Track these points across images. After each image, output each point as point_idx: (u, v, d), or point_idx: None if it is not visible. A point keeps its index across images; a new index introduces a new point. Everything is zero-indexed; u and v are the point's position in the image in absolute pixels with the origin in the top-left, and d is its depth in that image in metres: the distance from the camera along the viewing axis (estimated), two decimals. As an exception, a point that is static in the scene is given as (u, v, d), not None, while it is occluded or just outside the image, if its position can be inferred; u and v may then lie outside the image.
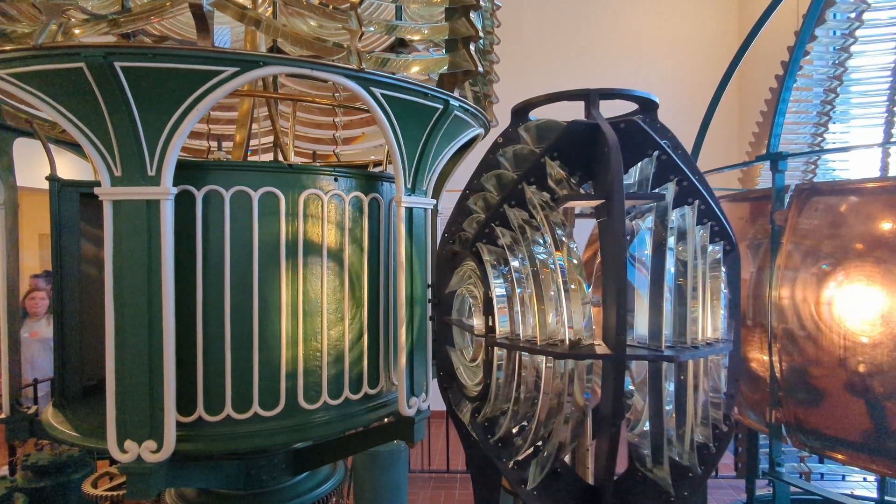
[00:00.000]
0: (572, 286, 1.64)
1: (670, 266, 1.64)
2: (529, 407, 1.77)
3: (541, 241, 1.74)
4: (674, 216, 1.69)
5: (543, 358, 1.68)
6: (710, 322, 1.66)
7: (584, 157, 1.74)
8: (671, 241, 1.66)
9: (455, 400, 2.11)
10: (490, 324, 1.82)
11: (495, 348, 1.79)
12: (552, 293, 1.66)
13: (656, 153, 1.68)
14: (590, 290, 1.98)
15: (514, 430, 1.83)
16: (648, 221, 1.70)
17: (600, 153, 1.64)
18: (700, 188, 1.69)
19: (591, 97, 1.84)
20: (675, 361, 1.59)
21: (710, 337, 1.66)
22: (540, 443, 1.75)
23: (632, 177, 1.80)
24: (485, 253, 1.90)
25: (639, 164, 1.74)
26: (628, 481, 1.79)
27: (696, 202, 1.69)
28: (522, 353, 1.72)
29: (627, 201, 1.61)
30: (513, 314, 1.76)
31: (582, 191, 1.81)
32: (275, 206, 1.97)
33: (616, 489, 1.74)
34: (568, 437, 1.72)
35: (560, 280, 1.64)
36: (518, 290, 1.75)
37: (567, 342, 1.62)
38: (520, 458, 1.79)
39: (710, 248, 1.72)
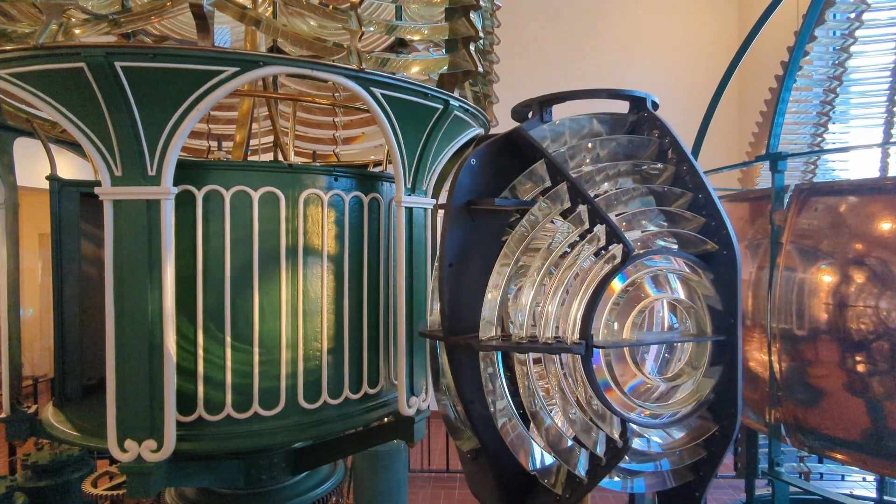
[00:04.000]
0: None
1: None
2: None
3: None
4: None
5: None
6: (555, 320, 1.63)
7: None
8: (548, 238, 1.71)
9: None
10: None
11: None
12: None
13: (542, 159, 1.71)
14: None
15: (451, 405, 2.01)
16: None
17: None
18: (583, 193, 1.64)
19: (533, 106, 1.90)
20: (482, 350, 1.65)
21: (573, 338, 1.60)
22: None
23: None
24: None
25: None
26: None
27: (586, 206, 1.64)
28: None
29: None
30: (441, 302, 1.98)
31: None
32: (275, 205, 1.98)
33: (532, 479, 1.78)
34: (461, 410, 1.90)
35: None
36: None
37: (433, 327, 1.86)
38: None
39: (605, 250, 1.65)
